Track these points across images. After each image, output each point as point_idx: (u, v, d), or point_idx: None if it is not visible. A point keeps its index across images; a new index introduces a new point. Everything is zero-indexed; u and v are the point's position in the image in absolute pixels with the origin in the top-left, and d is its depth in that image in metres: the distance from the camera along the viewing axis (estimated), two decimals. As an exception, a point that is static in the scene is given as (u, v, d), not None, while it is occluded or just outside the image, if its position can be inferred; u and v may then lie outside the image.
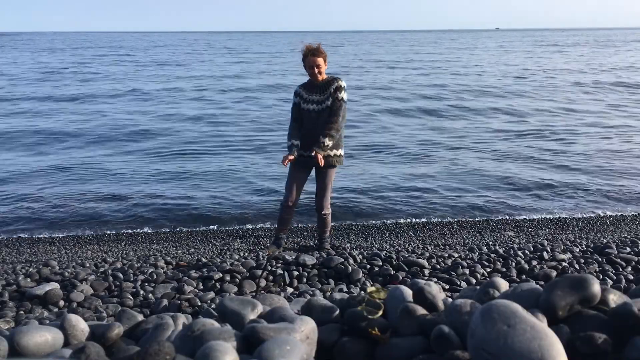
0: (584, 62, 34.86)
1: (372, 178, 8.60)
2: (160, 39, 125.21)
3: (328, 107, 4.44)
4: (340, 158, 4.58)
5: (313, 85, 4.51)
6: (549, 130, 12.56)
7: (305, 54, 4.43)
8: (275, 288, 3.51)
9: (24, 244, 6.01)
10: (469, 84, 22.02)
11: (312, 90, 4.50)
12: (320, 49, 4.43)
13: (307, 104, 4.49)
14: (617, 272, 3.71)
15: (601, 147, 10.67)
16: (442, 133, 12.48)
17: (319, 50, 4.42)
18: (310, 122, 4.47)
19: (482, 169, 9.14)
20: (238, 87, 21.94)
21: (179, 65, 35.59)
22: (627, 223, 6.38)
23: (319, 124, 4.44)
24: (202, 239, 6.03)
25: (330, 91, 4.43)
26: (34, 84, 23.11)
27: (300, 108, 4.53)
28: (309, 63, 4.42)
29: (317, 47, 4.43)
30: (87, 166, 9.48)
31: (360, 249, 4.80)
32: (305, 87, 4.57)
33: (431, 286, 1.44)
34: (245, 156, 10.27)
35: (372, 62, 37.55)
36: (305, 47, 4.45)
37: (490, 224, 6.43)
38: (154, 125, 13.42)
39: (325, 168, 4.52)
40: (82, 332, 1.40)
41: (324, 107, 4.45)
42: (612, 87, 20.76)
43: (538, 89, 20.43)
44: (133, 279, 3.72)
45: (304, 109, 4.50)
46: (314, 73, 4.44)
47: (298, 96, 4.56)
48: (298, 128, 4.54)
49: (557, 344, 1.01)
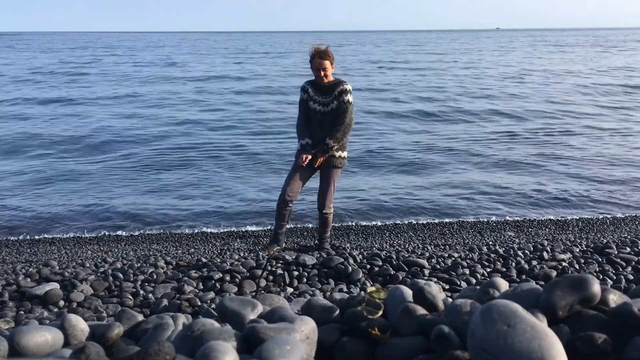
0: (584, 62, 34.87)
1: (372, 177, 8.60)
2: (160, 39, 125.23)
3: (333, 109, 4.49)
4: (344, 160, 4.65)
5: (319, 85, 4.55)
6: (549, 130, 12.57)
7: (312, 55, 4.48)
8: (275, 288, 3.51)
9: (24, 244, 6.01)
10: (467, 85, 22.01)
11: (318, 90, 4.55)
12: (327, 51, 4.47)
13: (314, 103, 4.54)
14: (617, 272, 3.71)
15: (601, 148, 10.67)
16: (442, 133, 12.49)
17: (326, 53, 4.45)
18: (316, 122, 4.54)
19: (481, 169, 9.15)
20: (240, 90, 21.92)
21: (178, 65, 35.57)
22: (627, 223, 6.38)
23: (323, 125, 4.52)
24: (202, 239, 6.03)
25: (335, 94, 4.48)
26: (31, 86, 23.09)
27: (307, 105, 4.57)
28: (316, 65, 4.46)
29: (324, 50, 4.47)
30: (87, 165, 9.48)
31: (360, 249, 4.80)
32: (312, 85, 4.59)
33: (431, 286, 1.44)
34: (246, 156, 10.27)
35: (370, 62, 37.55)
36: (314, 49, 4.49)
37: (490, 224, 6.43)
38: (150, 128, 13.41)
39: (329, 169, 4.57)
40: (82, 332, 1.40)
41: (329, 109, 4.50)
42: (612, 88, 20.77)
43: (537, 90, 20.42)
44: (133, 279, 3.72)
45: (311, 107, 4.56)
46: (320, 75, 4.48)
47: (306, 92, 4.59)
48: (307, 126, 4.59)
49: (557, 344, 1.01)
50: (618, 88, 20.51)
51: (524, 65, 32.87)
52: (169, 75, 27.74)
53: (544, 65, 32.68)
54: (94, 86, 22.52)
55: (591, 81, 22.96)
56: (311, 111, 4.55)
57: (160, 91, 20.83)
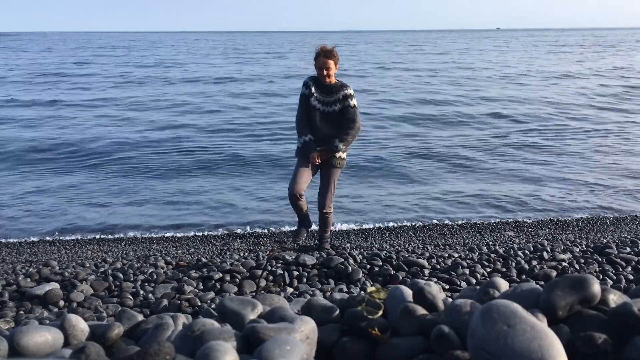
0: (581, 63, 34.86)
1: (372, 178, 8.60)
2: (159, 38, 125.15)
3: (335, 112, 4.50)
4: (343, 161, 4.65)
5: (322, 84, 4.54)
6: (548, 131, 12.57)
7: (318, 53, 4.48)
8: (275, 288, 3.51)
9: (24, 244, 6.01)
10: (466, 89, 22.01)
11: (320, 89, 4.54)
12: (333, 51, 4.48)
13: (315, 101, 4.53)
14: (617, 272, 3.71)
15: (601, 147, 10.67)
16: (441, 134, 12.49)
17: (332, 52, 4.46)
18: (315, 120, 4.54)
19: (482, 169, 9.14)
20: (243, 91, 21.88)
21: (178, 66, 35.54)
22: (627, 223, 6.38)
23: (323, 124, 4.52)
24: (202, 239, 6.03)
25: (338, 97, 4.50)
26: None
27: (308, 102, 4.55)
28: (320, 64, 4.46)
29: (330, 50, 4.47)
30: (87, 167, 9.48)
31: (360, 249, 4.80)
32: (315, 82, 4.57)
33: (431, 286, 1.44)
34: (246, 157, 10.27)
35: (370, 63, 37.52)
36: (320, 48, 4.49)
37: (490, 224, 6.43)
38: (149, 132, 13.40)
39: (329, 168, 4.58)
40: (82, 332, 1.40)
41: (331, 110, 4.50)
42: (615, 88, 20.77)
43: (535, 92, 20.43)
44: (133, 279, 3.72)
45: (311, 104, 4.54)
46: (323, 75, 4.48)
47: (308, 88, 4.56)
48: (307, 122, 4.58)
49: (557, 344, 1.01)
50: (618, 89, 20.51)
51: (523, 66, 32.86)
52: (166, 76, 27.70)
53: (542, 65, 32.67)
54: (101, 89, 22.48)
55: (592, 82, 22.96)
56: (311, 108, 4.54)
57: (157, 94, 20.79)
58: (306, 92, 4.56)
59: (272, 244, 5.50)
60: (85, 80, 24.78)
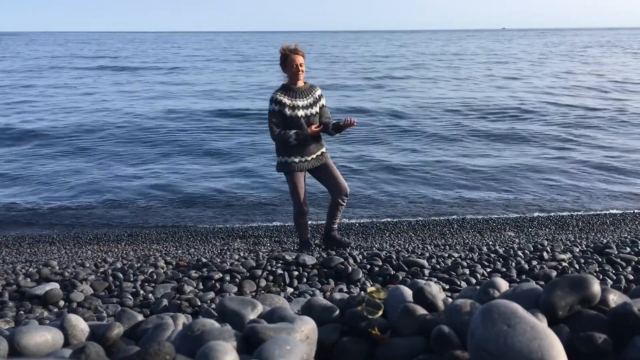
0: (581, 62, 34.82)
1: (371, 178, 8.60)
2: (159, 38, 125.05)
3: (316, 113, 4.33)
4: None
5: (292, 89, 4.28)
6: (549, 130, 12.57)
7: (285, 54, 4.21)
8: (275, 288, 3.51)
9: (24, 244, 6.01)
10: (465, 91, 22.00)
11: (294, 95, 4.25)
12: (298, 48, 4.24)
13: (294, 110, 4.23)
14: (617, 272, 3.71)
15: (601, 148, 10.66)
16: (440, 134, 12.49)
17: (298, 49, 4.23)
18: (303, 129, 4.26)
19: (481, 169, 9.14)
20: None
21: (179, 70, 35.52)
22: (627, 223, 6.38)
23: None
24: (202, 239, 6.03)
25: (315, 98, 4.33)
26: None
27: (286, 116, 4.22)
28: (291, 62, 4.19)
29: (295, 47, 4.24)
30: (87, 167, 9.48)
31: (360, 249, 4.80)
32: (285, 93, 4.26)
33: (431, 286, 1.44)
34: (246, 158, 10.27)
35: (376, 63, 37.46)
36: (284, 48, 4.23)
37: (490, 224, 6.43)
38: (145, 123, 13.41)
39: (328, 160, 4.48)
40: (82, 332, 1.40)
41: (313, 112, 4.32)
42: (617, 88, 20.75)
43: (539, 91, 20.42)
44: (133, 279, 3.72)
45: (292, 116, 4.23)
46: (298, 72, 4.21)
47: (279, 104, 4.21)
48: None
49: (557, 344, 1.00)
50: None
51: (521, 66, 32.82)
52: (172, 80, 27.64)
53: (544, 63, 32.63)
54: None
55: (595, 82, 22.92)
56: (293, 119, 4.22)
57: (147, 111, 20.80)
58: (276, 108, 4.21)
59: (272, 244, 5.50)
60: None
